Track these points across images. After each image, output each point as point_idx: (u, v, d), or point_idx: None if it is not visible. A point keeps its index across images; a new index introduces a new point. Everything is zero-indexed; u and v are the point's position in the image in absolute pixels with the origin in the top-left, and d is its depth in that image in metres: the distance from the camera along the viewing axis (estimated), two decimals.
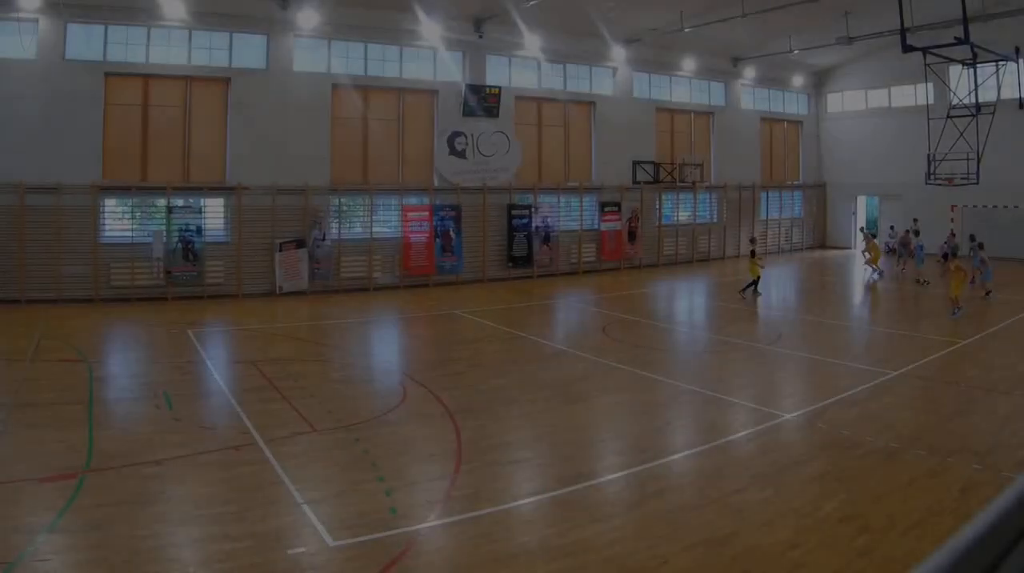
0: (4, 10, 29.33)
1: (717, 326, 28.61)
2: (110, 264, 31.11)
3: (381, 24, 36.27)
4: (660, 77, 46.78)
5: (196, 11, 32.16)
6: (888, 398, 17.77)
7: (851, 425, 15.54)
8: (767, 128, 52.63)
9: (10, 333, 24.67)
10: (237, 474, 12.81)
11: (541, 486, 12.61)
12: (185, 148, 33.18)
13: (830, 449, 14.15)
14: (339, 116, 36.13)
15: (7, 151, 29.34)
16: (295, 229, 34.21)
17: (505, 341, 25.23)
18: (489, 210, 39.33)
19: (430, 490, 12.33)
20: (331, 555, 10.14)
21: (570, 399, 17.84)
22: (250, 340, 24.95)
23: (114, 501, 11.49)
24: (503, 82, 40.18)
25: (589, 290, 36.92)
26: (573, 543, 10.45)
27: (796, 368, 21.64)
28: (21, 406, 16.41)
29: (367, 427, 15.48)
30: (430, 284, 37.18)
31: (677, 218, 47.49)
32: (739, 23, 38.36)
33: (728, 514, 11.30)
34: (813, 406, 16.99)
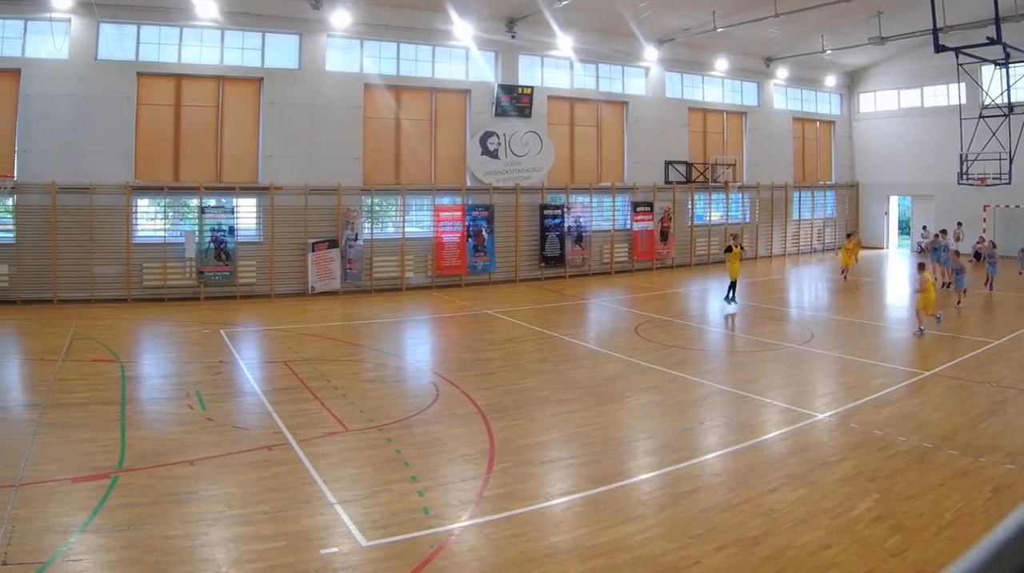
0: (37, 10, 28.61)
1: (749, 326, 27.74)
2: (142, 264, 30.45)
3: (414, 24, 35.39)
4: (693, 77, 45.56)
5: (229, 11, 31.33)
6: (920, 398, 17.45)
7: (883, 425, 15.21)
8: (799, 128, 51.25)
9: (43, 333, 24.27)
10: (270, 474, 12.56)
11: (573, 486, 12.37)
12: (217, 148, 32.39)
13: (862, 449, 13.85)
14: (371, 116, 35.22)
15: (39, 151, 28.79)
16: (327, 229, 33.43)
17: (537, 341, 24.59)
18: (522, 210, 38.37)
19: (463, 490, 12.08)
20: (364, 555, 9.89)
21: (603, 399, 17.42)
22: (282, 340, 24.11)
23: (147, 501, 11.28)
24: (535, 82, 39.16)
25: (621, 290, 36.03)
26: (605, 543, 10.23)
27: (828, 368, 21.04)
28: (54, 406, 16.03)
29: (400, 427, 15.13)
30: (462, 284, 36.34)
31: (709, 218, 46.43)
32: (772, 23, 37.40)
33: (760, 514, 11.08)
34: (845, 406, 16.66)
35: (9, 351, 22.94)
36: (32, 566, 9.25)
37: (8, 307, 28.01)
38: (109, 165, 29.75)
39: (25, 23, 28.97)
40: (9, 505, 10.89)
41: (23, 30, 28.98)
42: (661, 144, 43.29)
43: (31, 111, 28.83)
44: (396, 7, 34.62)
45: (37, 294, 28.89)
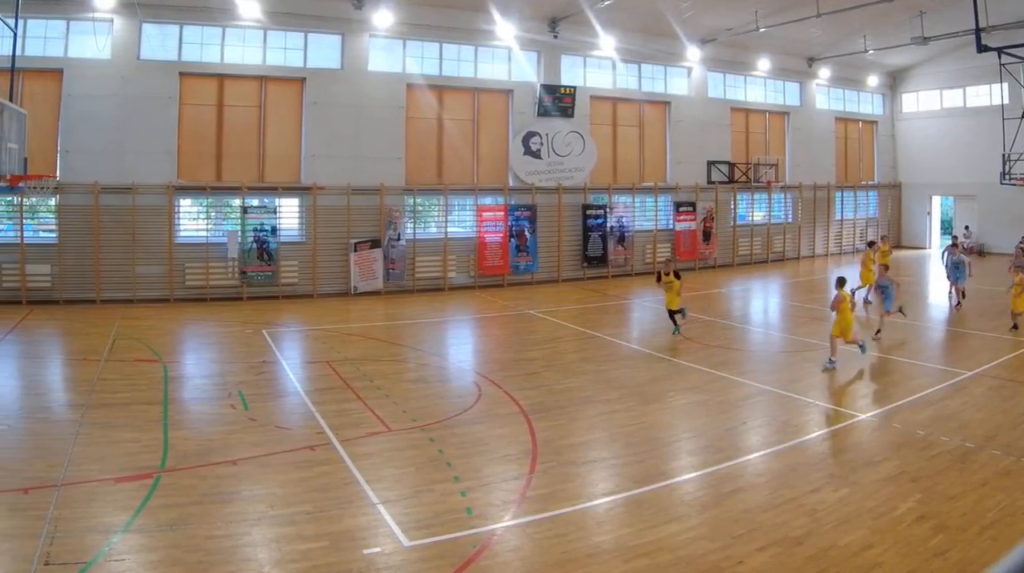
0: (79, 10, 27.74)
1: (792, 326, 26.84)
2: (185, 264, 29.54)
3: (456, 24, 34.23)
4: (735, 77, 43.96)
5: (271, 11, 30.32)
6: (962, 398, 16.91)
7: (926, 425, 14.83)
8: (842, 128, 49.41)
9: (86, 333, 23.59)
10: (312, 474, 12.28)
11: (616, 486, 12.05)
12: (260, 148, 31.38)
13: (904, 449, 13.49)
14: (414, 116, 34.06)
15: (82, 151, 27.96)
16: (370, 229, 32.35)
17: (580, 341, 23.78)
18: (564, 210, 37.04)
19: (505, 490, 11.79)
20: (406, 555, 9.67)
21: (645, 399, 16.90)
22: (325, 340, 23.29)
23: (189, 501, 11.07)
24: (578, 82, 37.81)
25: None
26: (648, 543, 9.99)
27: (870, 368, 20.08)
28: (96, 406, 15.61)
29: (442, 427, 14.76)
30: (505, 284, 35.19)
31: (752, 218, 44.79)
32: (814, 23, 36.03)
33: (803, 514, 10.83)
34: (887, 406, 16.22)
35: (52, 351, 22.29)
36: (75, 566, 9.02)
37: (51, 307, 27.24)
38: (151, 165, 28.82)
39: (67, 23, 28.08)
40: (51, 505, 10.66)
41: (66, 30, 28.09)
42: (704, 144, 41.88)
43: (74, 111, 27.99)
44: (438, 7, 33.45)
45: (80, 294, 28.06)
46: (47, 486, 11.34)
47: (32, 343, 22.50)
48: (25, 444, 13.56)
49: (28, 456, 12.82)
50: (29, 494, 11.08)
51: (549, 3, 35.26)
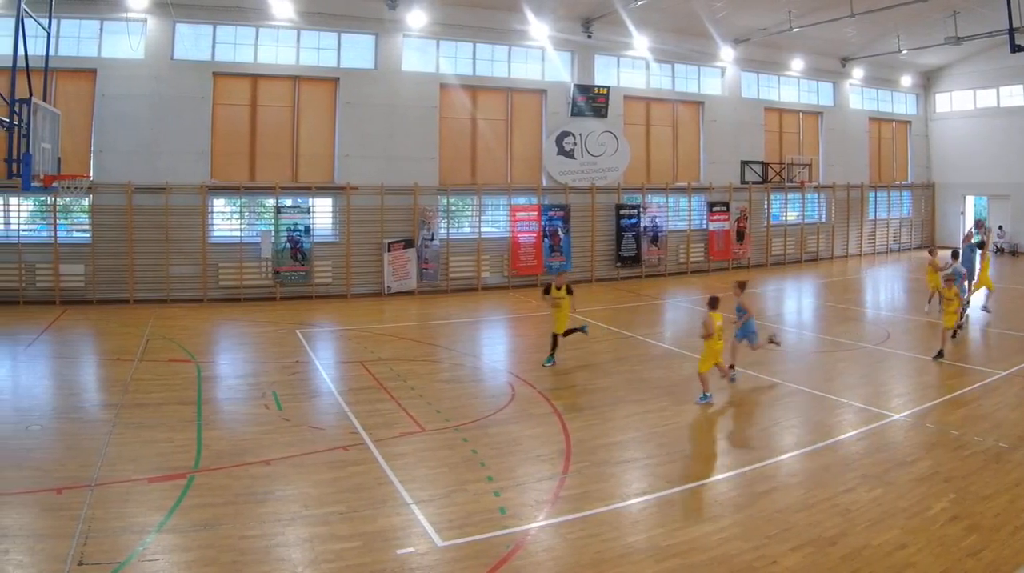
0: (113, 10, 26.81)
1: (825, 326, 25.80)
2: (218, 264, 28.64)
3: (489, 24, 33.09)
4: (768, 77, 42.46)
5: (304, 11, 29.41)
6: (996, 398, 16.44)
7: (959, 425, 14.46)
8: (875, 128, 47.61)
9: (119, 333, 22.89)
10: (346, 474, 11.99)
11: (649, 486, 11.75)
12: (293, 148, 30.39)
13: (938, 449, 13.20)
14: (447, 116, 32.93)
15: (115, 151, 27.15)
16: (404, 229, 31.30)
17: (613, 341, 22.99)
18: (598, 210, 35.77)
19: (539, 490, 11.52)
20: (440, 555, 9.44)
21: (678, 399, 16.39)
22: (358, 340, 22.54)
23: (223, 501, 10.83)
24: (611, 82, 36.52)
25: (697, 290, 33.29)
26: (681, 543, 9.77)
27: (904, 368, 19.57)
28: (130, 406, 15.22)
29: (475, 427, 14.38)
30: (538, 284, 33.31)
31: (785, 218, 43.41)
32: (848, 23, 34.92)
33: (836, 514, 10.56)
34: (921, 406, 15.79)
35: (86, 351, 21.68)
36: (108, 566, 8.81)
37: (84, 307, 26.49)
38: (185, 165, 28.02)
39: (101, 23, 27.20)
40: (85, 505, 10.41)
41: (99, 30, 27.23)
42: (737, 144, 40.43)
43: (107, 111, 27.13)
44: (472, 7, 32.34)
45: (113, 294, 27.26)
46: (81, 486, 11.07)
47: (65, 343, 21.87)
48: (59, 444, 13.17)
49: (62, 456, 12.46)
50: (63, 494, 10.82)
51: (583, 3, 34.01)
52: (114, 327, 23.89)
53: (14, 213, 27.03)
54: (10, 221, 27.05)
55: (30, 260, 26.64)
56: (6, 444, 12.94)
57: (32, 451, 12.61)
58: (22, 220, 27.24)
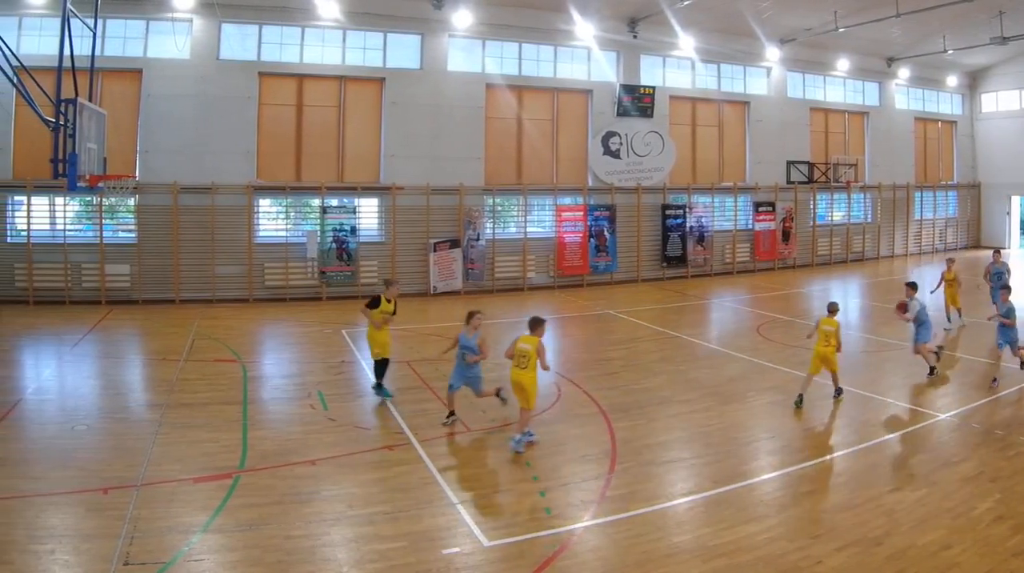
0: (159, 11, 25.58)
1: (871, 326, 24.45)
2: (264, 264, 27.32)
3: (535, 24, 31.35)
4: (814, 77, 40.24)
5: (350, 11, 27.91)
6: None
7: (1005, 425, 13.89)
8: (921, 128, 45.13)
9: (165, 333, 21.99)
10: (391, 474, 11.58)
11: (695, 486, 11.31)
12: (339, 148, 28.95)
13: (983, 449, 12.67)
14: (493, 116, 31.29)
15: (161, 151, 25.95)
16: (449, 229, 29.80)
17: (659, 341, 21.96)
18: (643, 210, 33.91)
19: (585, 490, 11.08)
20: (485, 555, 9.05)
21: (724, 399, 15.76)
22: (404, 340, 21.16)
23: (268, 501, 10.46)
24: (657, 82, 34.64)
25: (743, 290, 32.11)
26: (727, 543, 9.34)
27: (949, 368, 18.37)
28: (175, 406, 14.66)
29: None
30: (584, 284, 32.35)
31: (831, 218, 41.09)
32: (893, 23, 32.85)
33: (881, 514, 10.13)
34: (966, 406, 15.13)
35: (132, 351, 20.76)
36: (154, 566, 8.54)
37: (130, 307, 25.35)
38: (231, 165, 26.72)
39: (147, 23, 25.96)
40: (131, 505, 10.06)
41: (145, 30, 26.00)
42: (783, 144, 38.36)
43: (153, 111, 25.95)
44: (518, 7, 30.60)
45: (159, 294, 26.05)
46: (126, 486, 10.69)
47: (111, 343, 20.97)
48: (104, 444, 12.63)
49: (107, 456, 11.96)
50: (108, 494, 10.43)
51: (628, 3, 32.17)
52: (160, 327, 22.99)
53: (60, 213, 25.87)
54: (56, 221, 25.87)
55: (76, 260, 25.44)
56: (52, 444, 12.44)
57: (78, 451, 12.10)
58: (68, 220, 26.08)
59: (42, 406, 14.83)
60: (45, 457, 11.86)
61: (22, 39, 24.55)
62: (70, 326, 22.33)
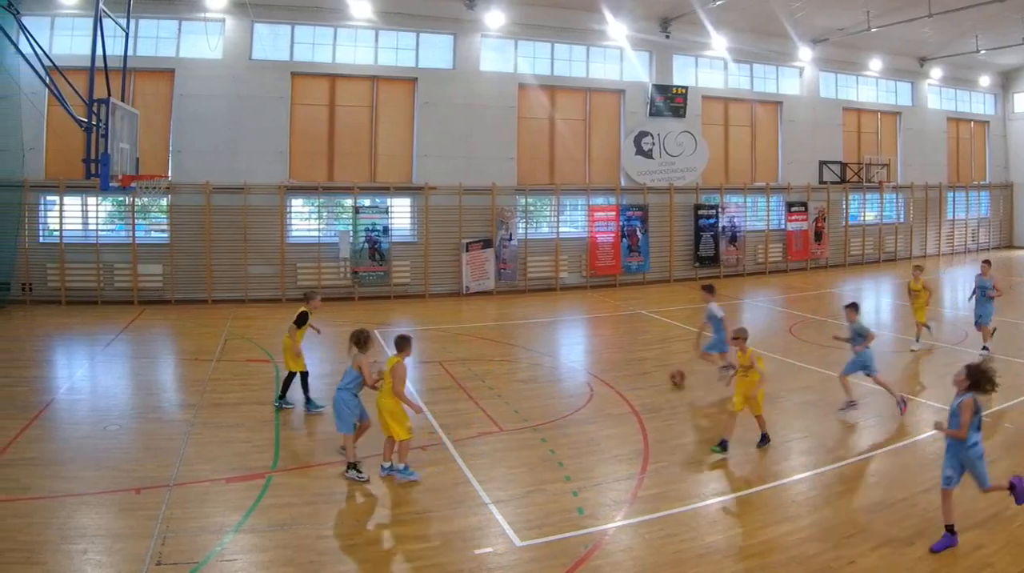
0: (191, 10, 24.48)
1: (903, 326, 22.89)
2: (296, 264, 26.17)
3: (568, 24, 29.97)
4: (846, 77, 38.53)
5: (383, 11, 26.73)
6: None
7: None
8: (953, 128, 43.09)
9: (197, 333, 21.20)
10: (424, 474, 11.06)
11: (728, 486, 10.89)
12: (372, 148, 27.75)
13: (1016, 449, 12.18)
14: (525, 116, 29.93)
15: (194, 151, 24.90)
16: (482, 229, 28.51)
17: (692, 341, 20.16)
18: (676, 210, 32.42)
19: (617, 490, 10.64)
20: (518, 555, 8.76)
21: None
22: (436, 340, 20.73)
23: (301, 501, 10.09)
24: (690, 82, 33.16)
25: (775, 290, 30.81)
26: (760, 543, 9.00)
27: None
28: (208, 406, 14.20)
29: (553, 427, 13.33)
30: (616, 284, 30.99)
31: (863, 218, 39.44)
32: (926, 23, 31.24)
33: (914, 514, 9.72)
34: (999, 406, 14.21)
35: (164, 351, 20.03)
36: (186, 566, 8.23)
37: (163, 307, 24.36)
38: (263, 165, 25.67)
39: (179, 23, 24.88)
40: (163, 505, 9.75)
41: (177, 30, 24.91)
42: (815, 144, 36.71)
43: (185, 111, 24.90)
44: (550, 7, 29.21)
45: (191, 294, 25.00)
46: (159, 486, 10.38)
47: (144, 343, 20.17)
48: (137, 444, 12.21)
49: (140, 456, 11.59)
50: (141, 494, 10.13)
51: (661, 3, 30.67)
52: (192, 327, 22.17)
53: (92, 213, 24.78)
54: (88, 221, 24.82)
55: (108, 260, 24.42)
56: (85, 444, 12.05)
57: (110, 451, 11.74)
58: (100, 220, 25.03)
59: (74, 406, 14.32)
60: (78, 457, 11.46)
61: (55, 39, 23.61)
62: (102, 326, 21.57)
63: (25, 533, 8.93)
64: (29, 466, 11.03)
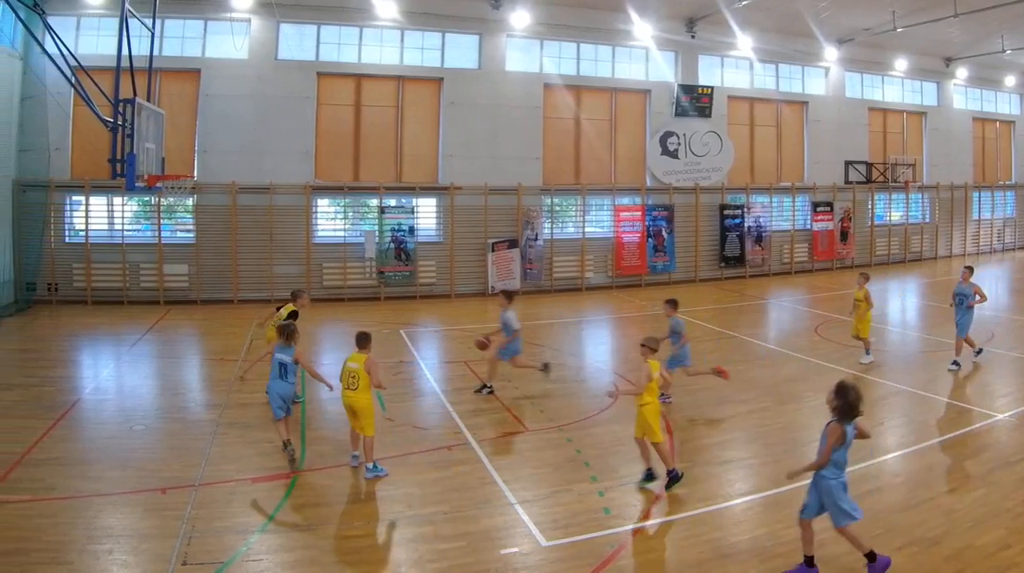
0: (217, 11, 23.60)
1: (929, 326, 22.65)
2: (322, 264, 25.28)
3: (593, 24, 28.86)
4: (872, 77, 37.10)
5: (408, 11, 25.73)
6: None
7: None
8: (979, 128, 41.48)
9: (223, 333, 20.60)
10: (450, 474, 10.86)
11: (753, 486, 10.49)
12: (397, 148, 26.82)
13: None
14: (551, 116, 28.85)
15: (219, 151, 24.08)
16: (507, 229, 27.49)
17: (717, 341, 20.44)
18: (701, 210, 31.25)
19: (644, 490, 10.28)
20: (544, 555, 8.53)
21: (782, 399, 14.69)
22: (462, 340, 19.92)
23: (326, 501, 9.89)
24: (715, 82, 31.95)
25: (801, 290, 29.71)
26: (785, 543, 8.63)
27: (1008, 368, 17.29)
28: (234, 406, 13.75)
29: (579, 427, 12.97)
30: (642, 284, 29.87)
31: (889, 218, 38.05)
32: (951, 23, 29.78)
33: (940, 514, 9.43)
34: None
35: (190, 351, 19.48)
36: (212, 566, 8.04)
37: (188, 307, 23.57)
38: (289, 165, 24.79)
39: (205, 23, 24.00)
40: (189, 505, 9.48)
41: (203, 30, 24.02)
42: (841, 144, 35.33)
43: (211, 111, 24.07)
44: (576, 7, 28.07)
45: (217, 294, 24.15)
46: (184, 486, 10.13)
47: (169, 343, 19.57)
48: (163, 444, 11.91)
49: (166, 456, 11.30)
50: (167, 494, 9.90)
51: (686, 3, 29.39)
52: (218, 327, 21.53)
53: (118, 213, 23.94)
54: (114, 221, 23.97)
55: (134, 260, 23.59)
56: (110, 444, 11.76)
57: (136, 451, 11.45)
58: (126, 220, 24.21)
59: (100, 406, 13.93)
60: (103, 457, 11.18)
61: (80, 39, 22.84)
62: (128, 326, 20.92)
63: (51, 533, 8.68)
64: (55, 466, 10.72)
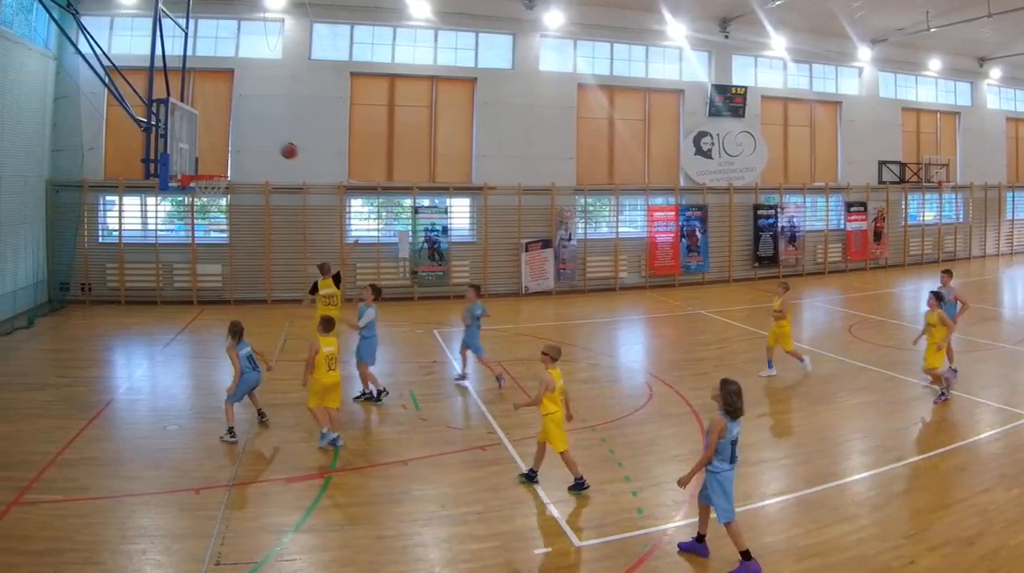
0: (251, 11, 22.53)
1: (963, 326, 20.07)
2: (355, 264, 23.97)
3: (627, 24, 27.51)
4: (905, 76, 35.32)
5: (442, 11, 24.47)
6: None
7: None
8: (1013, 128, 39.54)
9: (256, 333, 18.22)
10: (483, 474, 10.50)
11: (787, 486, 10.06)
12: (431, 148, 25.68)
13: None
14: (584, 116, 27.50)
15: (253, 151, 23.01)
16: (541, 229, 26.24)
17: (751, 341, 19.38)
18: (735, 210, 29.78)
19: (676, 490, 9.35)
20: (577, 555, 8.25)
21: (815, 399, 14.11)
22: (496, 341, 18.83)
23: (360, 501, 9.55)
24: (749, 82, 30.43)
25: (835, 290, 28.40)
26: (819, 543, 8.33)
27: None
28: (267, 407, 12.96)
29: (613, 427, 12.46)
30: (676, 284, 28.50)
31: (923, 218, 36.22)
32: (985, 23, 28.14)
33: (974, 514, 8.94)
34: None
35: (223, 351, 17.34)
36: (246, 566, 7.78)
37: (222, 307, 22.41)
38: (323, 165, 23.65)
39: (239, 23, 22.91)
40: (222, 505, 9.18)
41: (237, 31, 22.92)
42: (874, 144, 33.63)
43: (244, 111, 22.99)
44: (610, 7, 26.70)
45: (250, 294, 23.07)
46: (218, 486, 9.75)
47: (203, 343, 18.78)
48: (196, 444, 11.50)
49: (199, 456, 10.93)
50: (200, 494, 9.52)
51: (720, 3, 27.98)
52: (251, 327, 19.36)
53: (151, 213, 22.90)
54: (148, 221, 22.91)
55: (168, 260, 22.49)
56: (144, 444, 11.42)
57: (170, 451, 11.10)
58: (160, 220, 23.15)
59: (134, 406, 13.54)
60: (137, 457, 10.85)
61: (114, 39, 21.90)
62: (162, 326, 20.10)
63: (84, 533, 8.37)
64: (88, 466, 10.36)
